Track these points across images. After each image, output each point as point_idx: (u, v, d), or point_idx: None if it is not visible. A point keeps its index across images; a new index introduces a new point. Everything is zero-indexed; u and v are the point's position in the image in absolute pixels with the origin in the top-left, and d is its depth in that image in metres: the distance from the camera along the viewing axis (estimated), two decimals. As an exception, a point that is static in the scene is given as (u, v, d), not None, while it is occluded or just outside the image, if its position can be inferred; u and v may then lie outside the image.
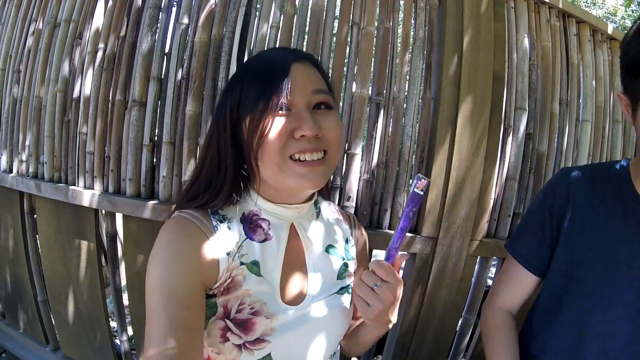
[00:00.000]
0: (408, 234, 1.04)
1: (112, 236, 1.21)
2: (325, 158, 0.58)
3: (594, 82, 1.19)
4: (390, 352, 1.18)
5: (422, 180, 0.58)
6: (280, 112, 0.55)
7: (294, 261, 0.65)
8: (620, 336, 0.65)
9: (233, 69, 1.03)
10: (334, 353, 0.70)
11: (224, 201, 0.61)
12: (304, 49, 1.06)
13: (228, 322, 0.57)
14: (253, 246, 0.61)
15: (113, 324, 1.35)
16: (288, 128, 0.55)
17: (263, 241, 0.62)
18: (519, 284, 0.78)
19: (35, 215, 1.30)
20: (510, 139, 1.06)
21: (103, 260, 1.28)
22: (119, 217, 1.22)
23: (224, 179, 0.60)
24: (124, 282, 1.31)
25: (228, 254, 0.58)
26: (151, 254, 0.56)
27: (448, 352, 1.23)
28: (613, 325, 0.65)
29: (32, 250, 1.35)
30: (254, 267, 0.59)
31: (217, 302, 0.58)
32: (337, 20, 1.09)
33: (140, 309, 1.11)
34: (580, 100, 1.15)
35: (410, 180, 0.54)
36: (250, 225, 0.62)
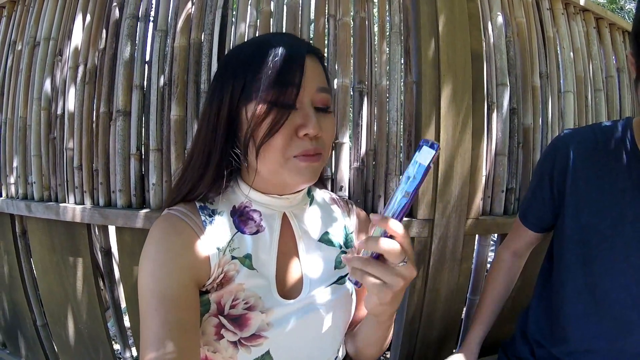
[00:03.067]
0: (404, 218, 1.04)
1: (107, 251, 1.20)
2: (321, 156, 0.57)
3: (571, 54, 1.21)
4: (399, 340, 1.17)
5: (432, 149, 0.46)
6: (289, 107, 0.53)
7: (289, 252, 0.63)
8: (634, 300, 0.64)
9: (215, 70, 1.04)
10: (339, 348, 0.68)
11: (208, 186, 0.59)
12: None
13: (222, 318, 0.56)
14: (244, 239, 0.59)
15: (117, 346, 1.33)
16: (293, 125, 0.53)
17: (255, 233, 0.60)
18: (527, 239, 0.86)
19: (27, 237, 1.29)
20: (495, 115, 1.06)
21: (100, 282, 1.27)
22: (112, 231, 1.20)
23: (207, 161, 0.58)
24: (123, 305, 1.29)
25: (219, 248, 0.57)
26: (142, 254, 0.55)
27: (457, 334, 1.22)
28: (627, 289, 0.64)
29: (28, 273, 1.33)
30: (247, 260, 0.58)
31: (210, 298, 0.56)
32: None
33: (138, 319, 1.09)
34: (560, 72, 1.16)
35: (416, 152, 0.48)
36: (241, 217, 0.61)
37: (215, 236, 0.57)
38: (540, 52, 1.17)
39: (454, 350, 0.99)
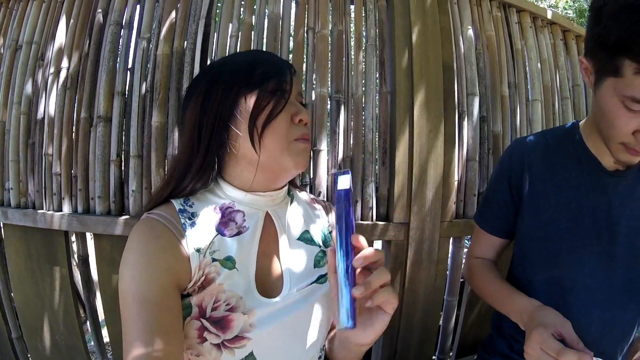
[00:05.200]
0: (380, 222, 1.07)
1: (85, 259, 1.19)
2: (310, 142, 0.64)
3: (539, 64, 1.28)
4: (380, 343, 1.18)
5: (343, 175, 0.52)
6: (287, 95, 0.61)
7: (270, 251, 0.64)
8: (602, 286, 0.68)
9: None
10: (321, 348, 0.68)
11: (194, 179, 0.61)
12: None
13: (204, 321, 0.56)
14: (225, 242, 0.60)
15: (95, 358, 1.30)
16: (289, 112, 0.60)
17: (236, 235, 0.61)
18: (492, 245, 0.86)
19: (3, 245, 1.26)
20: (465, 122, 1.12)
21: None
22: (90, 240, 1.19)
23: (196, 153, 0.61)
24: (101, 316, 1.27)
25: (199, 251, 0.57)
26: (122, 258, 0.56)
27: (437, 335, 1.24)
28: (592, 277, 0.69)
29: (2, 283, 1.30)
30: (228, 262, 0.59)
31: (191, 301, 0.56)
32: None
33: (118, 329, 1.08)
34: (528, 82, 1.22)
35: (333, 179, 0.52)
36: (222, 219, 0.62)
37: (195, 239, 0.58)
38: (509, 63, 1.24)
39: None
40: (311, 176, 1.09)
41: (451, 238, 1.13)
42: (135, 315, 0.51)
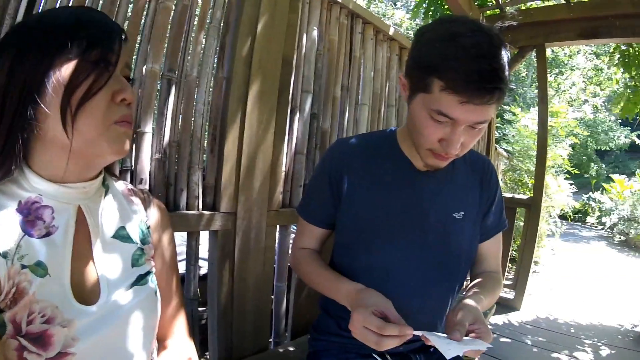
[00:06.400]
0: (206, 212, 1.05)
1: None
2: (132, 125, 0.55)
3: (372, 73, 1.44)
4: (215, 335, 1.17)
5: None
6: (111, 68, 0.51)
7: (85, 252, 0.56)
8: (417, 269, 0.79)
9: None
10: (153, 350, 0.64)
11: None
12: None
13: (21, 339, 0.47)
14: (33, 244, 0.50)
15: None
16: (111, 89, 0.51)
17: (45, 236, 0.52)
18: (315, 236, 0.90)
19: None
20: (297, 117, 1.18)
21: None
22: None
23: None
24: None
25: (5, 256, 0.47)
26: None
27: (270, 322, 1.30)
28: (408, 261, 0.79)
29: None
30: (39, 269, 0.50)
31: (4, 318, 0.47)
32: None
33: None
34: (360, 87, 1.36)
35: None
36: (29, 217, 0.51)
37: None
38: (345, 68, 1.35)
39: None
40: (133, 161, 0.98)
41: (278, 226, 1.19)
42: None
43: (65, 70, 0.49)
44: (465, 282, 0.89)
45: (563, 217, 5.58)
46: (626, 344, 2.25)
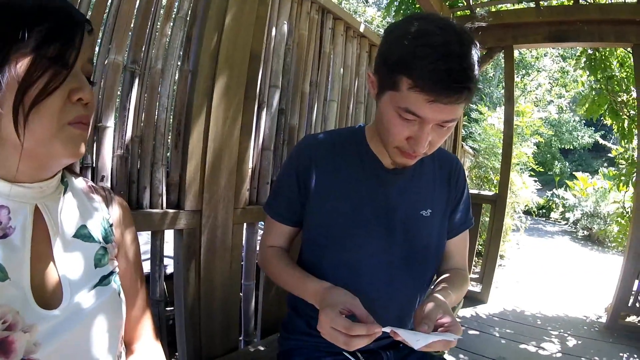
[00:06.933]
0: (171, 210, 1.02)
1: None
2: (89, 127, 0.53)
3: (342, 69, 1.44)
4: (183, 336, 1.14)
5: None
6: (69, 66, 0.48)
7: (45, 253, 0.54)
8: (384, 265, 0.78)
9: None
10: (120, 354, 0.61)
11: None
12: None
13: None
14: None
15: None
16: (68, 88, 0.49)
17: (1, 237, 0.49)
18: (283, 234, 0.88)
19: None
20: (264, 113, 1.16)
21: None
22: None
23: None
24: None
25: None
26: None
27: (239, 321, 1.28)
28: (375, 257, 0.78)
29: None
30: None
31: None
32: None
33: None
34: (329, 83, 1.36)
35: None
36: None
37: None
38: (315, 64, 1.35)
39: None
40: (94, 157, 0.94)
41: (245, 224, 1.17)
42: None
43: (20, 66, 0.46)
44: (433, 278, 0.91)
45: (527, 212, 5.86)
46: (592, 335, 2.33)
